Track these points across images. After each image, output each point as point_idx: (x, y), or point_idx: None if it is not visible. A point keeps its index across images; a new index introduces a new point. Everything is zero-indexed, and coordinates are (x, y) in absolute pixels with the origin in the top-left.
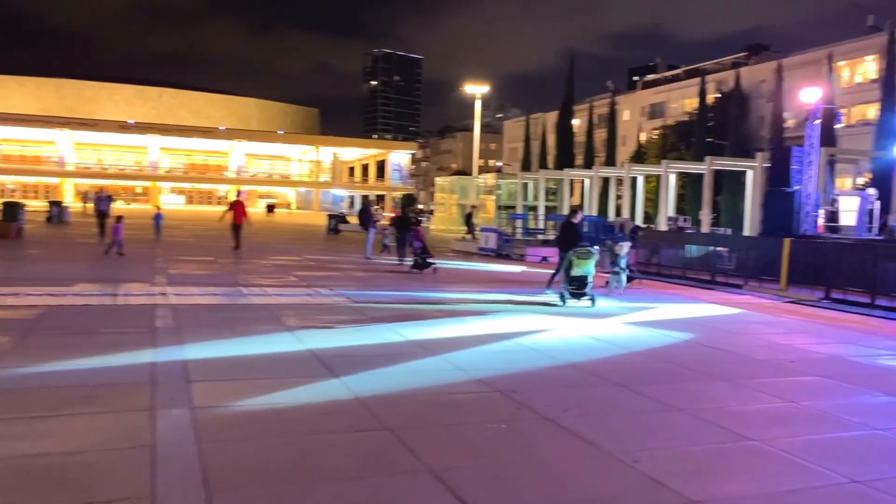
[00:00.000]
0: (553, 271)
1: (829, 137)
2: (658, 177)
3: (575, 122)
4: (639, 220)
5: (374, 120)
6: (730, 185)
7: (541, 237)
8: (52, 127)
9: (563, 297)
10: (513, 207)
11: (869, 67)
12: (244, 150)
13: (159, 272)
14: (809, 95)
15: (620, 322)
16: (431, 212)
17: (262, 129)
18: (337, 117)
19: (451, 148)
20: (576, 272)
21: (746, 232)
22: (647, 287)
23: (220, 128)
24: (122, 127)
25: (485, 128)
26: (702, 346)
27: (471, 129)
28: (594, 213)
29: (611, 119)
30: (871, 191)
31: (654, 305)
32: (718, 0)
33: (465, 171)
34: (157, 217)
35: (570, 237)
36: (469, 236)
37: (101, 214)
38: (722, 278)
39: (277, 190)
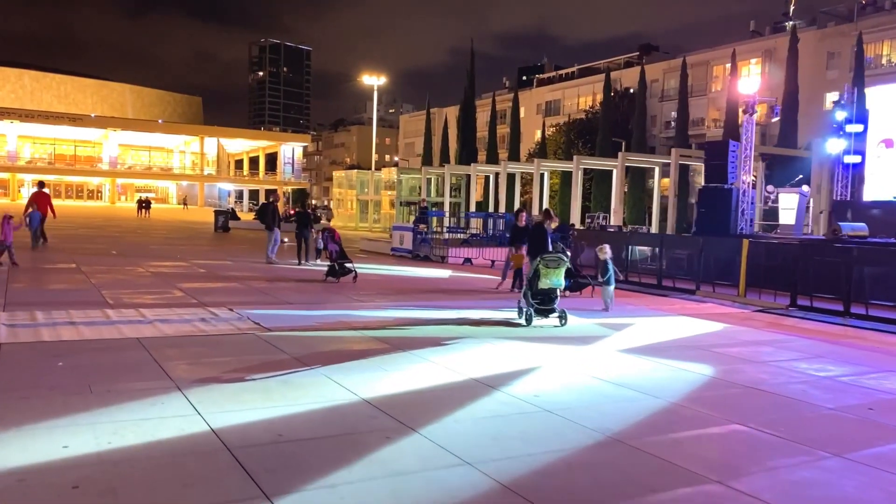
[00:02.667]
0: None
1: (735, 135)
2: (560, 173)
3: None
4: None
5: (262, 112)
6: (634, 182)
7: (461, 236)
8: None
9: (527, 316)
10: (415, 203)
11: (754, 70)
12: (119, 140)
13: None
14: (747, 87)
15: (612, 349)
16: (326, 207)
17: (140, 118)
18: (222, 108)
19: (344, 141)
20: (543, 284)
21: (654, 229)
22: (599, 294)
23: (91, 115)
24: None
25: (379, 122)
26: (736, 387)
27: (364, 123)
28: (502, 209)
29: (514, 114)
30: (806, 188)
31: (628, 321)
32: (598, 6)
33: (359, 165)
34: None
35: (540, 243)
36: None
37: None
38: (668, 282)
39: (158, 184)
